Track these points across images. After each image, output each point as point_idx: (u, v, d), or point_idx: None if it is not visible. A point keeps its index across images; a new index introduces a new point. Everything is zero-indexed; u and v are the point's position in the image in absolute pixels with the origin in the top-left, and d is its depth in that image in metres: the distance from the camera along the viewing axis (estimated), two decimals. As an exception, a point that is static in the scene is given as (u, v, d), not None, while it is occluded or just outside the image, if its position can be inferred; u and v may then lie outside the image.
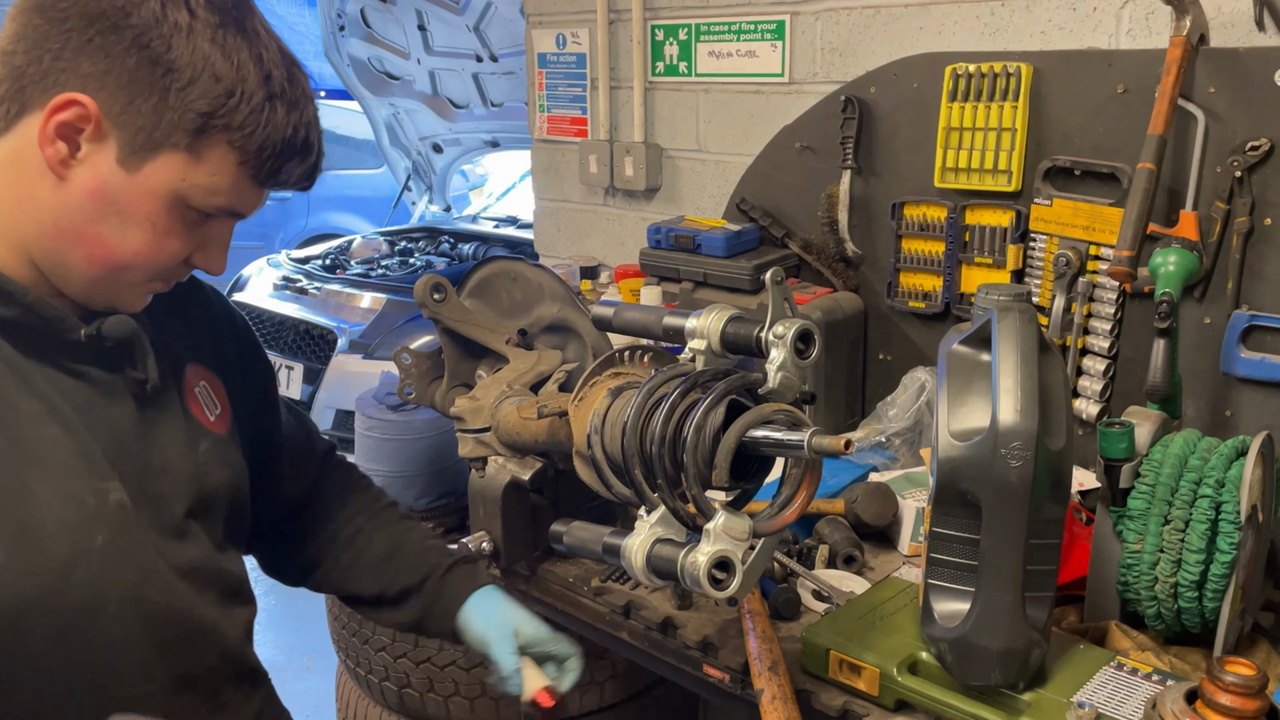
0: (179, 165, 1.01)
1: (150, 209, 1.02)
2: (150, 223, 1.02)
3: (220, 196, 1.04)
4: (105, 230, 1.02)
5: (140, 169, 1.00)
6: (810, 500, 1.21)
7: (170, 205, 1.02)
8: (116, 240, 1.02)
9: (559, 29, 2.88)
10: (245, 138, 1.01)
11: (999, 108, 1.98)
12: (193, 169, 1.01)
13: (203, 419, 1.19)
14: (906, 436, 2.02)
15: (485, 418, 1.57)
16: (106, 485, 1.04)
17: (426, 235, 5.45)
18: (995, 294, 1.29)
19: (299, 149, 1.06)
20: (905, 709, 1.33)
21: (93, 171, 1.00)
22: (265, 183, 1.07)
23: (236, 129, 1.00)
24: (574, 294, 1.75)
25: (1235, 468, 1.35)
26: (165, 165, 1.00)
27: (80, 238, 1.02)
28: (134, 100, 0.98)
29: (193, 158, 1.01)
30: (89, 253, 1.03)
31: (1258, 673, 1.02)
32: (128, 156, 1.00)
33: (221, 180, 1.03)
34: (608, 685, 2.13)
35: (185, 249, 1.07)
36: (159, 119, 0.99)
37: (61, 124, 0.97)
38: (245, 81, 1.00)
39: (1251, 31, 1.75)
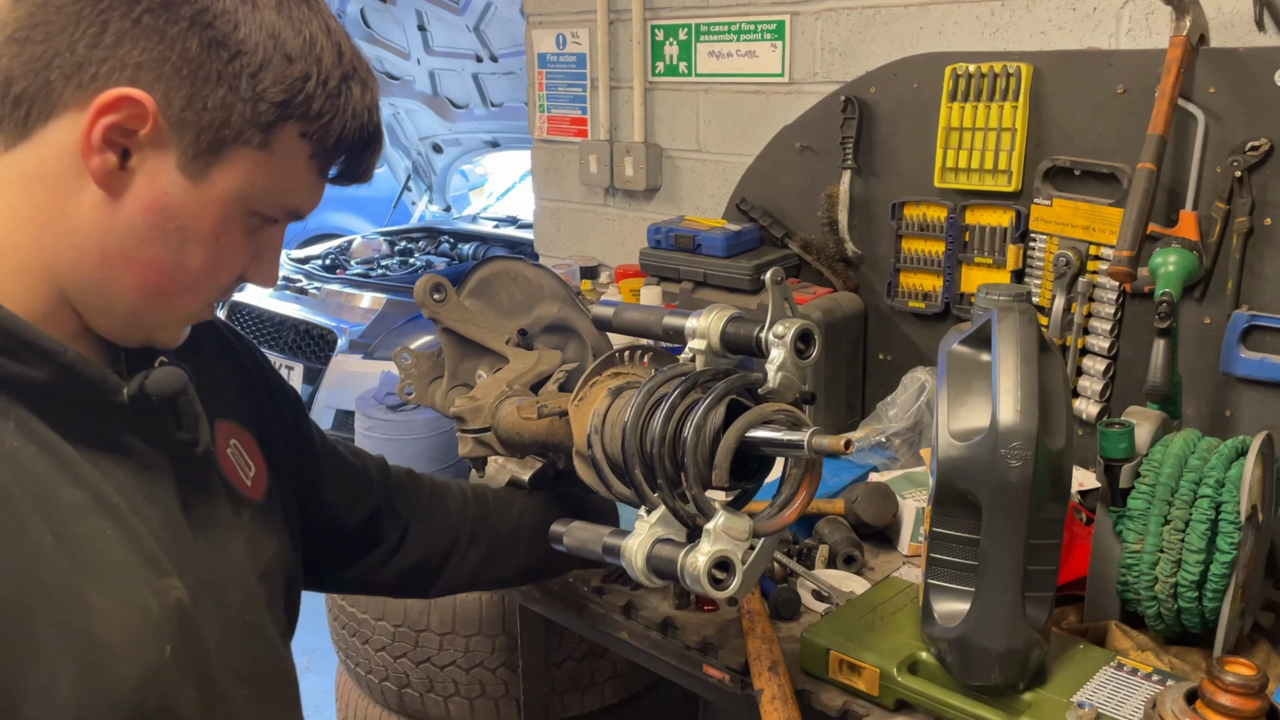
0: (249, 166, 0.86)
1: (216, 222, 0.86)
2: (215, 237, 0.87)
3: (289, 196, 0.90)
4: (162, 252, 0.85)
5: (207, 175, 0.85)
6: (810, 500, 1.21)
7: (236, 214, 0.88)
8: (173, 262, 0.86)
9: (559, 29, 2.88)
10: (322, 127, 0.87)
11: (999, 108, 1.98)
12: (264, 169, 0.87)
13: (240, 485, 1.02)
14: (906, 436, 2.02)
15: (485, 418, 1.57)
16: (165, 583, 0.86)
17: (426, 235, 5.45)
18: (995, 294, 1.29)
19: (373, 135, 0.93)
20: (905, 709, 1.33)
21: (149, 183, 0.83)
22: (342, 176, 0.94)
23: (315, 117, 0.86)
24: (574, 294, 1.74)
25: (1235, 468, 1.35)
26: (235, 168, 0.85)
27: (131, 263, 0.85)
28: (199, 93, 0.82)
29: (264, 155, 0.86)
30: (140, 280, 0.86)
31: (1258, 673, 1.02)
32: (191, 161, 0.84)
33: (292, 178, 0.89)
34: (608, 685, 2.13)
35: (243, 263, 0.92)
36: (229, 114, 0.83)
37: (110, 127, 0.80)
38: (320, 61, 0.86)
39: (1251, 31, 1.75)
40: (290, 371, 4.20)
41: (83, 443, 0.84)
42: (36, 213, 0.83)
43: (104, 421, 0.86)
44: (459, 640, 2.05)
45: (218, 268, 0.90)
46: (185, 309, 0.92)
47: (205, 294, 0.92)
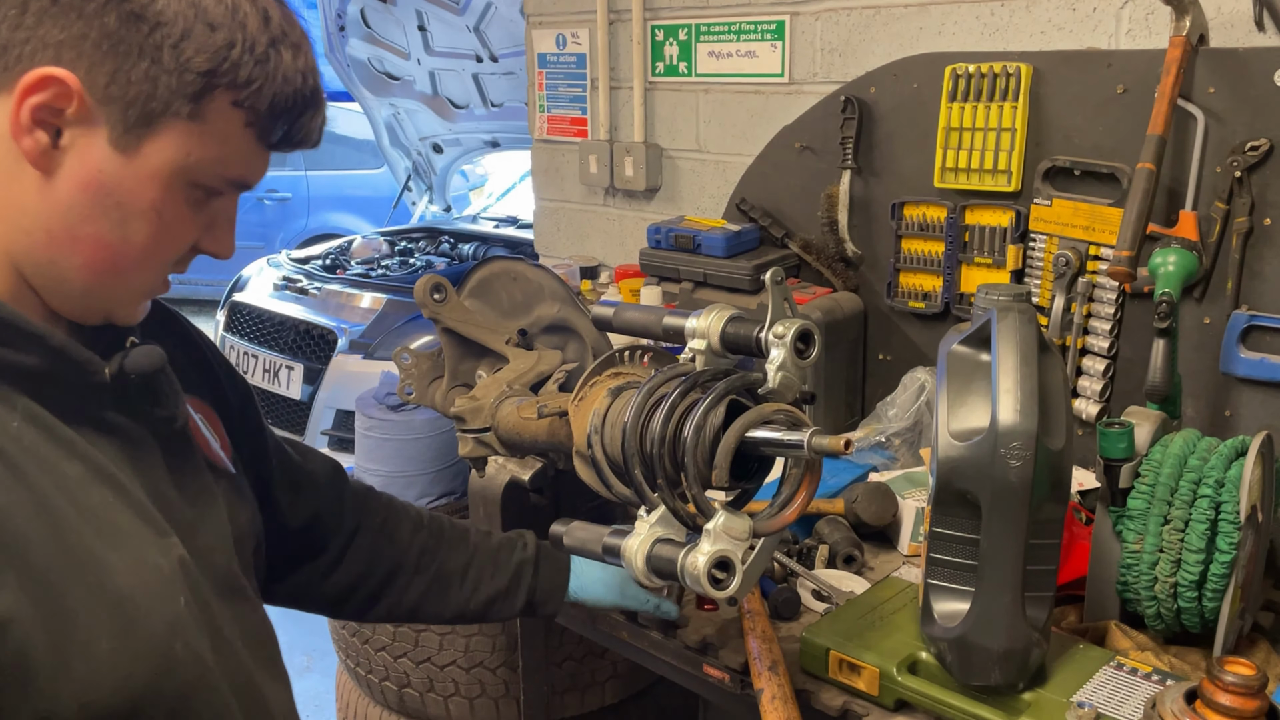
0: (182, 138, 0.86)
1: (155, 195, 0.87)
2: (156, 211, 0.88)
3: (230, 167, 0.90)
4: (105, 228, 0.87)
5: (139, 149, 0.85)
6: (810, 500, 1.21)
7: (176, 186, 0.88)
8: (118, 238, 0.87)
9: (559, 29, 2.88)
10: (253, 94, 0.87)
11: (999, 108, 1.98)
12: (198, 140, 0.87)
13: (214, 456, 1.06)
14: (906, 436, 2.02)
15: (485, 418, 1.57)
16: (168, 543, 0.90)
17: (426, 235, 5.45)
18: (995, 294, 1.29)
19: (310, 99, 0.91)
20: (905, 709, 1.33)
21: (82, 160, 0.85)
22: (277, 143, 0.92)
23: (243, 85, 0.86)
24: (574, 294, 1.75)
25: (1235, 468, 1.35)
26: (167, 140, 0.86)
27: (77, 242, 0.87)
28: (121, 67, 0.83)
29: (197, 126, 0.86)
30: (88, 258, 0.87)
31: (1257, 673, 1.02)
32: (122, 136, 0.85)
33: (231, 148, 0.89)
34: (608, 685, 2.13)
35: (193, 234, 0.93)
36: (154, 86, 0.84)
37: (38, 107, 0.82)
38: (245, 27, 0.85)
39: (1251, 31, 1.75)
40: (290, 371, 4.20)
41: (73, 421, 0.87)
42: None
43: (90, 401, 0.90)
44: (459, 640, 2.05)
45: (165, 241, 0.91)
46: (139, 284, 0.93)
47: (156, 267, 0.93)
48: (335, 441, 4.03)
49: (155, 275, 0.94)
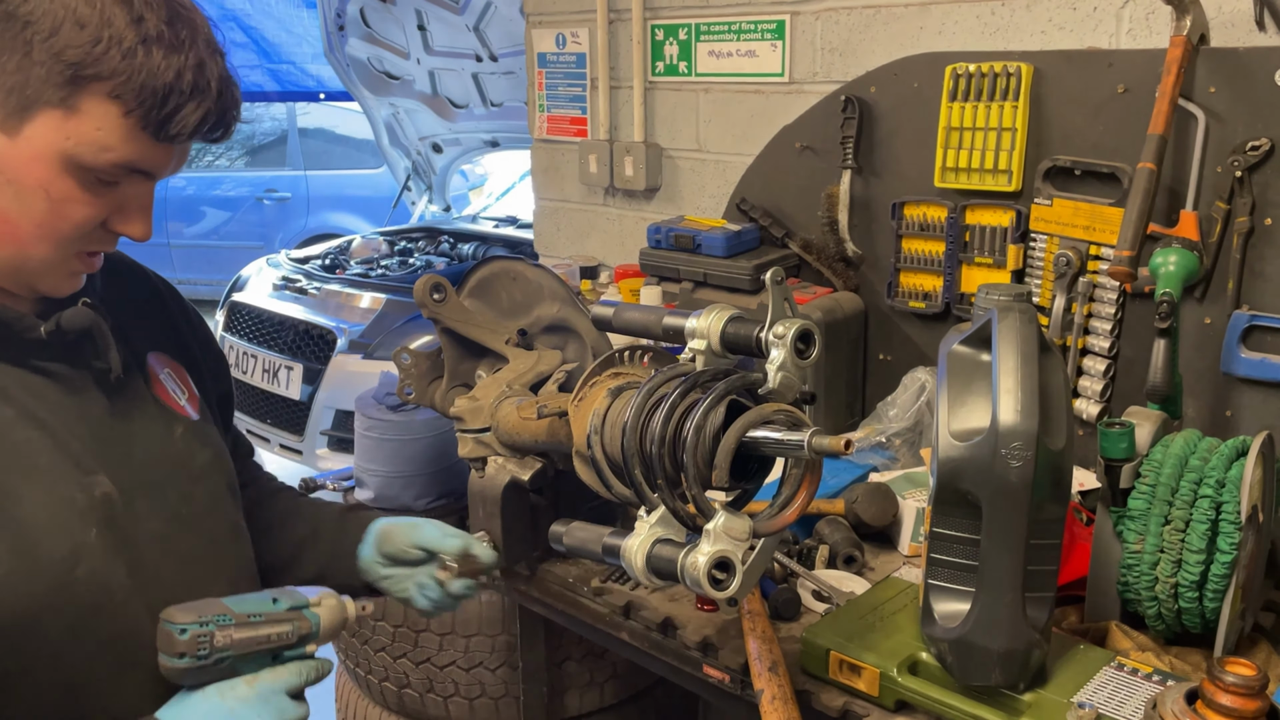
0: (58, 123, 0.96)
1: (41, 174, 0.97)
2: (44, 190, 0.98)
3: (113, 152, 0.98)
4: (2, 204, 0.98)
5: (20, 132, 0.96)
6: (810, 500, 1.21)
7: (62, 168, 0.98)
8: (16, 213, 0.98)
9: (559, 29, 2.88)
10: (122, 86, 0.95)
11: (999, 108, 1.98)
12: (74, 125, 0.96)
13: (173, 404, 1.18)
14: (906, 436, 2.02)
15: (485, 418, 1.57)
16: (92, 480, 1.04)
17: (426, 235, 5.45)
18: (995, 294, 1.29)
19: (188, 93, 0.98)
20: (905, 709, 1.33)
21: None
22: (160, 134, 0.99)
23: (109, 77, 0.95)
24: (574, 294, 1.74)
25: (1235, 468, 1.35)
26: (44, 125, 0.96)
27: None
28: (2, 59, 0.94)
29: (71, 113, 0.96)
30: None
31: (1258, 673, 1.02)
32: (4, 121, 0.96)
33: (109, 135, 0.97)
34: (608, 685, 2.13)
35: (94, 214, 1.02)
36: (26, 76, 0.94)
37: None
38: (112, 25, 0.94)
39: (1251, 31, 1.75)
40: (290, 371, 4.20)
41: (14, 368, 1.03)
42: None
43: (30, 354, 1.04)
44: (459, 640, 2.05)
45: (59, 218, 1.00)
46: (47, 257, 1.02)
47: (60, 243, 1.02)
48: (335, 442, 4.03)
49: (61, 250, 1.02)
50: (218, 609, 1.07)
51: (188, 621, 1.04)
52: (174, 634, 1.04)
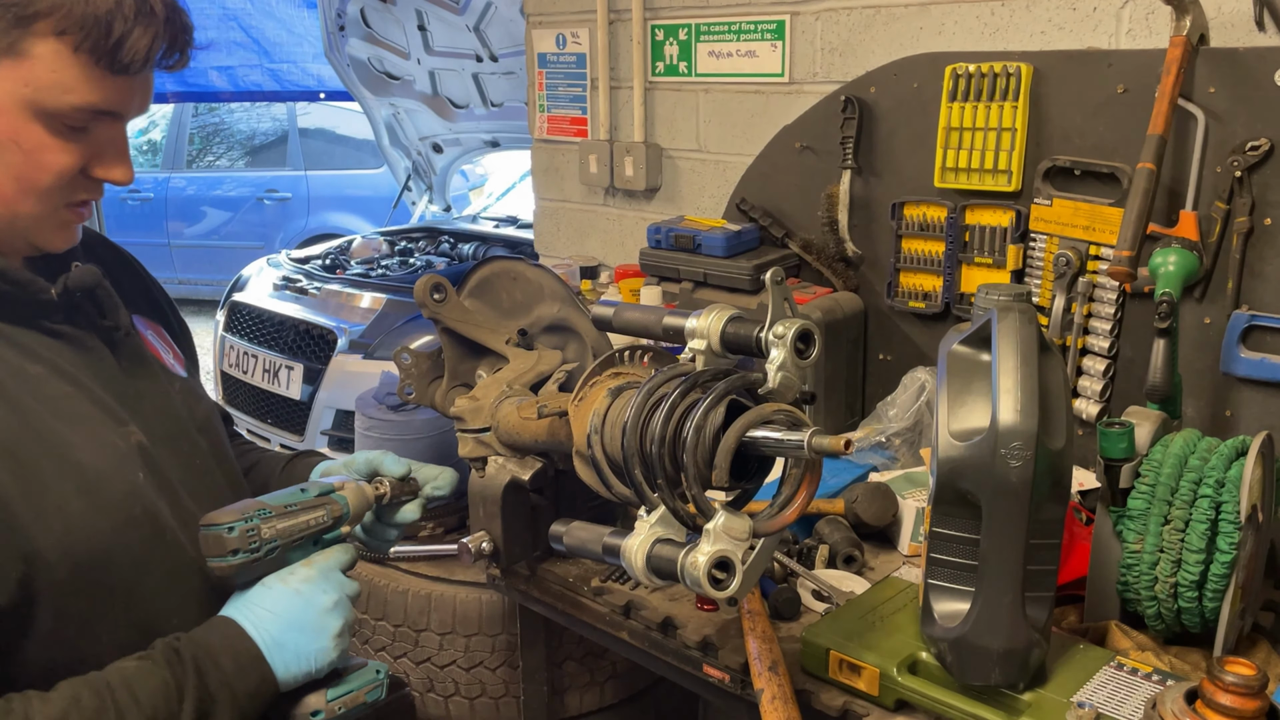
0: (13, 71, 0.95)
1: (7, 127, 0.97)
2: (14, 143, 0.97)
3: (75, 93, 0.97)
4: None
5: None
6: (810, 500, 1.21)
7: (28, 117, 0.97)
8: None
9: (559, 29, 2.88)
10: (64, 20, 0.94)
11: (999, 108, 1.98)
12: (29, 70, 0.95)
13: (165, 363, 1.22)
14: (906, 436, 2.02)
15: (485, 418, 1.57)
16: (126, 429, 1.08)
17: (426, 235, 5.45)
18: (995, 294, 1.29)
19: (131, 18, 0.97)
20: (905, 709, 1.33)
21: None
22: (115, 66, 0.98)
23: (50, 13, 0.94)
24: (574, 294, 1.74)
25: (1235, 468, 1.35)
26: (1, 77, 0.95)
27: None
28: None
29: (23, 59, 0.95)
30: None
31: (1258, 673, 1.02)
32: None
33: (65, 74, 0.96)
34: (608, 685, 2.13)
35: (72, 161, 1.01)
36: None
37: None
38: None
39: (1251, 31, 1.75)
40: (290, 371, 4.20)
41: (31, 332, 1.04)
42: None
43: (43, 315, 1.05)
44: (459, 640, 2.05)
45: (37, 169, 0.99)
46: (35, 210, 1.02)
47: (44, 194, 1.02)
48: (335, 441, 4.03)
49: (47, 202, 1.03)
50: (255, 505, 1.10)
51: (232, 520, 1.07)
52: (222, 534, 1.07)
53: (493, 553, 1.65)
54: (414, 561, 2.00)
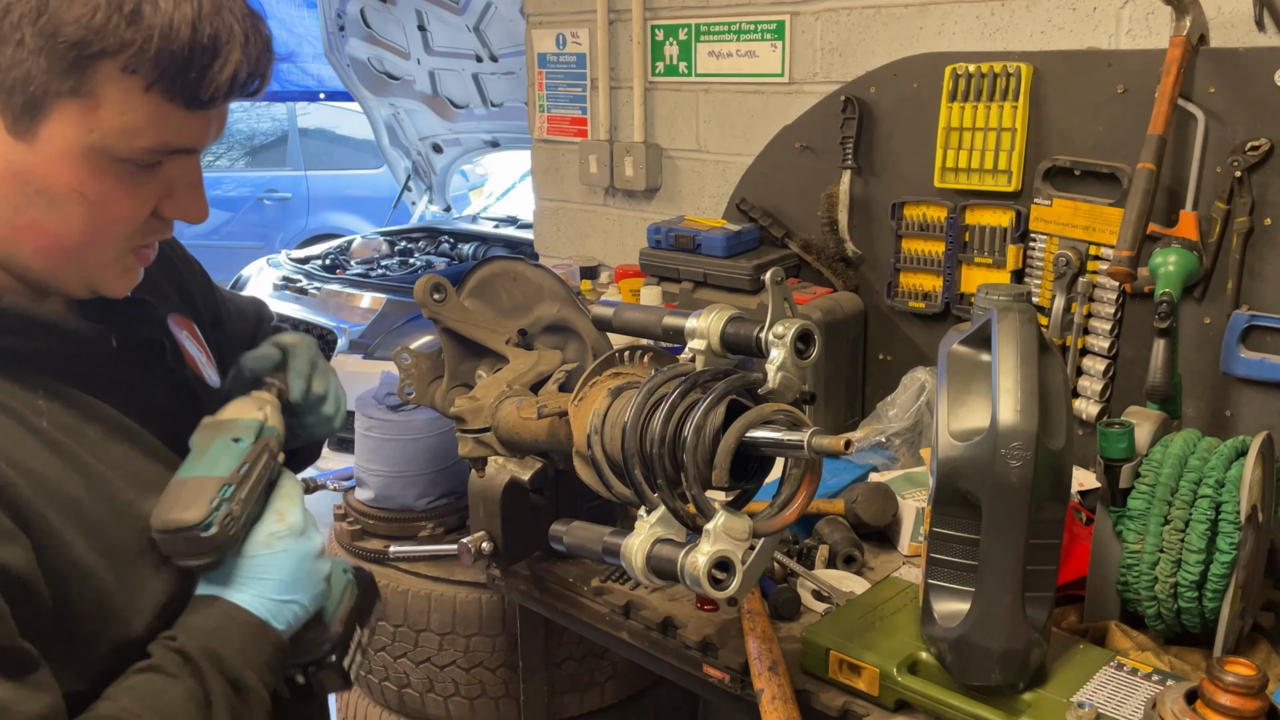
0: (76, 116, 0.84)
1: (71, 178, 0.86)
2: (78, 194, 0.86)
3: (143, 136, 0.86)
4: (37, 215, 0.87)
5: (37, 134, 0.84)
6: (810, 500, 1.21)
7: (92, 165, 0.86)
8: (54, 224, 0.87)
9: (559, 29, 2.88)
10: (135, 57, 0.82)
11: (999, 108, 1.98)
12: (94, 114, 0.84)
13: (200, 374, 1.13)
14: (906, 436, 2.02)
15: (485, 418, 1.57)
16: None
17: (426, 235, 5.45)
18: (995, 294, 1.29)
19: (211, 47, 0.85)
20: (905, 709, 1.33)
21: None
22: (191, 102, 0.86)
23: (118, 50, 0.82)
24: (574, 294, 1.74)
25: (1235, 468, 1.35)
26: (60, 122, 0.84)
27: (19, 231, 0.88)
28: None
29: (86, 101, 0.83)
30: (35, 245, 0.89)
31: (1258, 673, 1.02)
32: (15, 125, 0.84)
33: (135, 116, 0.85)
34: (608, 685, 2.13)
35: (140, 207, 0.91)
36: (27, 70, 0.81)
37: None
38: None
39: (1251, 31, 1.75)
40: (290, 371, 4.20)
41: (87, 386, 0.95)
42: None
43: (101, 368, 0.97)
44: (459, 640, 2.05)
45: (104, 220, 0.89)
46: (101, 260, 0.93)
47: (111, 243, 0.92)
48: (336, 441, 4.03)
49: (114, 250, 0.93)
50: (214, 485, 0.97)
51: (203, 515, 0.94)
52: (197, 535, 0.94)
53: (493, 553, 1.65)
54: (414, 562, 2.00)
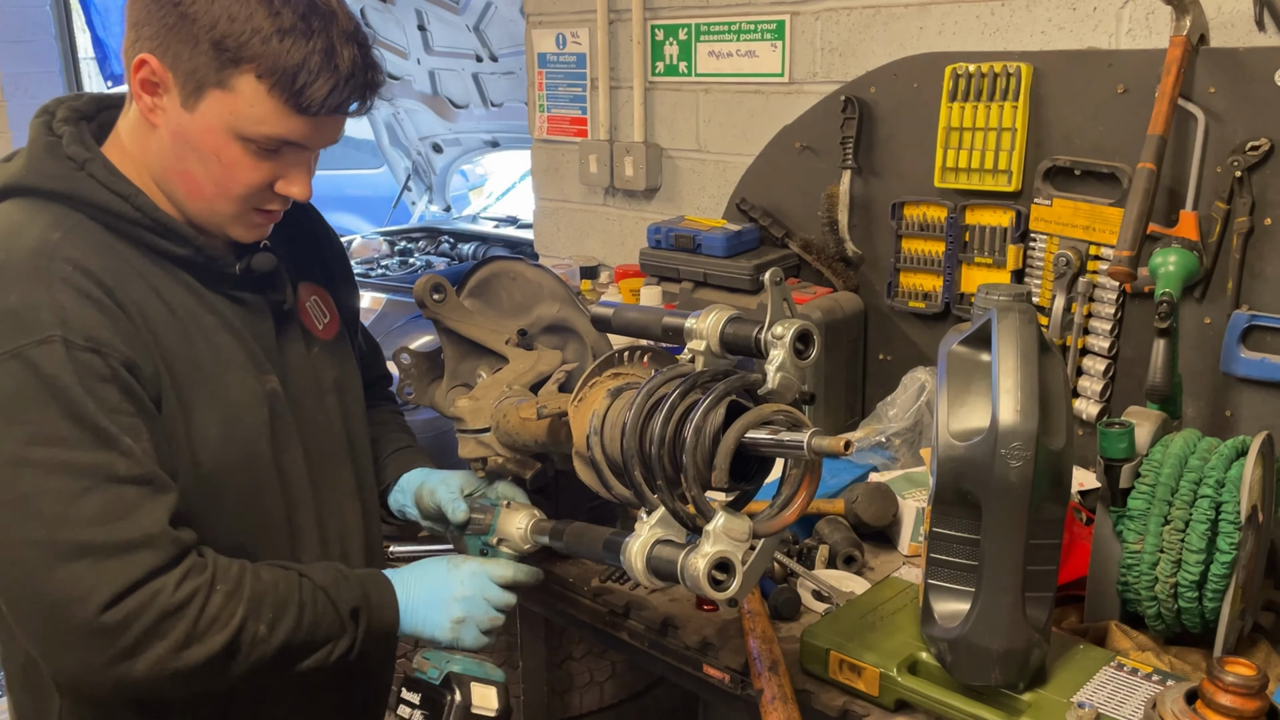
0: (222, 100, 1.18)
1: (214, 143, 1.20)
2: (216, 156, 1.21)
3: (265, 125, 1.19)
4: (190, 166, 1.22)
5: (197, 108, 1.19)
6: (810, 501, 1.21)
7: (229, 138, 1.20)
8: (200, 174, 1.23)
9: (559, 29, 2.88)
10: (263, 67, 1.16)
11: (999, 108, 1.98)
12: (234, 102, 1.18)
13: (313, 328, 1.45)
14: (906, 436, 2.02)
15: (485, 418, 1.57)
16: (265, 377, 1.32)
17: (426, 235, 5.44)
18: (995, 294, 1.29)
19: (315, 72, 1.18)
20: (905, 709, 1.33)
21: (168, 117, 1.21)
22: (302, 108, 1.19)
23: (253, 60, 1.16)
24: (574, 294, 1.74)
25: (1235, 468, 1.35)
26: (213, 102, 1.18)
27: (178, 175, 1.24)
28: (174, 51, 1.17)
29: (229, 92, 1.17)
30: (186, 188, 1.25)
31: (1258, 673, 1.02)
32: (185, 100, 1.19)
33: (260, 109, 1.18)
34: (608, 685, 2.13)
35: (261, 177, 1.24)
36: (195, 64, 1.17)
37: (142, 81, 1.20)
38: (253, 19, 1.16)
39: (1251, 31, 1.75)
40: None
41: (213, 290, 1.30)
42: (144, 147, 1.25)
43: (226, 282, 1.32)
44: (459, 640, 2.05)
45: (231, 179, 1.23)
46: (229, 210, 1.26)
47: (233, 199, 1.25)
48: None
49: (238, 206, 1.26)
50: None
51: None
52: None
53: (493, 553, 1.64)
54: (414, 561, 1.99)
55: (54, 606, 1.10)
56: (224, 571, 1.19)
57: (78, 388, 1.12)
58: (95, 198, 1.23)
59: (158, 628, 1.12)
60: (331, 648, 1.27)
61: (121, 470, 1.13)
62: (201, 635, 1.15)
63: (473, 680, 1.37)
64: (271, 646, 1.21)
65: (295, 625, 1.23)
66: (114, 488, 1.12)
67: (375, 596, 1.32)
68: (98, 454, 1.12)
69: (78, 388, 1.12)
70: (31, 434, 1.11)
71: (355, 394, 1.52)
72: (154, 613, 1.12)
